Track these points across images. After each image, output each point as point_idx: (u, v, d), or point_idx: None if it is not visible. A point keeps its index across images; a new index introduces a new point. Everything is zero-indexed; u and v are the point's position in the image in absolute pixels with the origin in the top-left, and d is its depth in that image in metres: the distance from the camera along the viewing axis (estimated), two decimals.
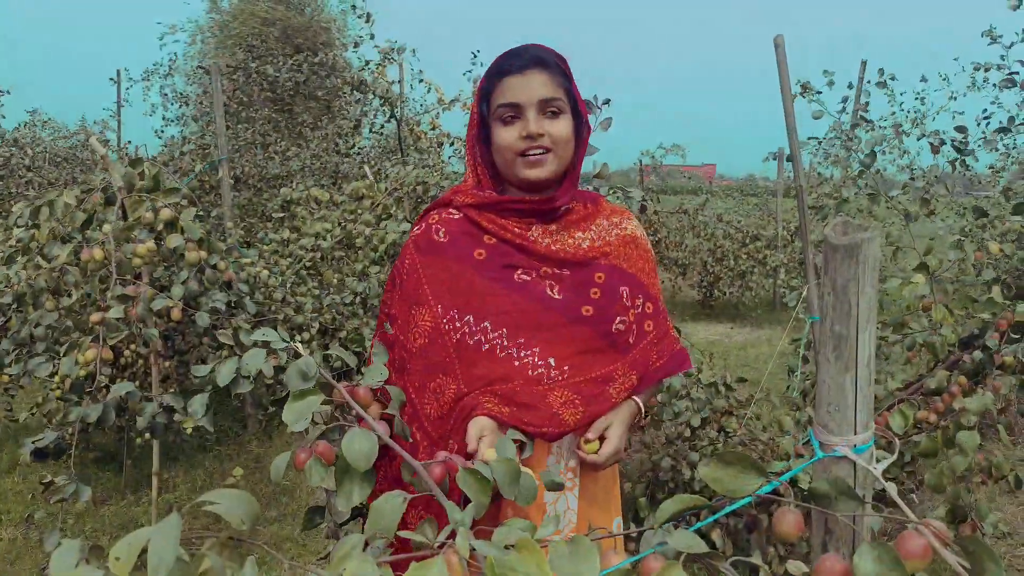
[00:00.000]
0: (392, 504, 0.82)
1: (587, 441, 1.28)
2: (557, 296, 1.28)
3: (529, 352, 1.25)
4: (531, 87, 1.25)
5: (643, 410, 1.34)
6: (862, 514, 0.75)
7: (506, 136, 1.27)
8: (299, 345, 0.98)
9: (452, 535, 0.72)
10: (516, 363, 1.24)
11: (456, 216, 1.35)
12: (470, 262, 1.29)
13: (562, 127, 1.27)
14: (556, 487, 0.92)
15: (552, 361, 1.25)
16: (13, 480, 3.44)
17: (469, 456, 1.13)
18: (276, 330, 3.12)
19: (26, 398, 4.11)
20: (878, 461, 0.79)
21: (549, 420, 1.23)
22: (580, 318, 1.28)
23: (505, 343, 1.25)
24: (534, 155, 1.26)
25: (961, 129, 2.43)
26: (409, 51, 5.32)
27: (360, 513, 1.33)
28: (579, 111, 1.31)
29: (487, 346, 1.25)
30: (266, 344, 0.97)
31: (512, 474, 0.77)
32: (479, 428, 1.18)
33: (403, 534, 0.75)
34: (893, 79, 3.32)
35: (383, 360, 1.03)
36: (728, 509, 0.73)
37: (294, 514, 3.15)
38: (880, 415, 2.04)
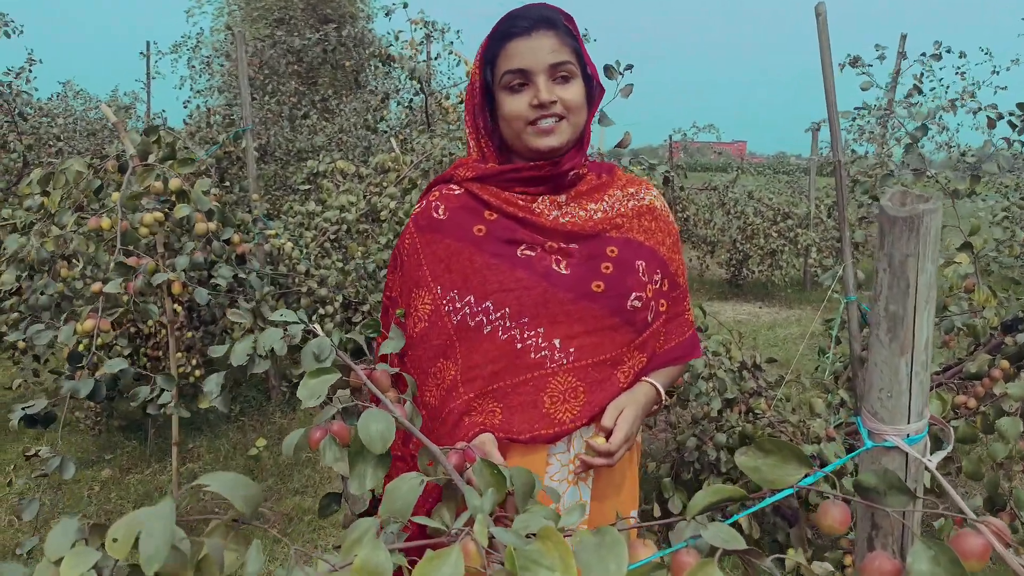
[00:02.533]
0: (408, 485, 0.78)
1: (597, 434, 1.17)
2: (564, 271, 1.19)
3: (533, 333, 1.16)
4: (539, 50, 1.15)
5: (663, 395, 1.24)
6: (913, 509, 0.69)
7: (515, 105, 1.17)
8: (316, 326, 0.94)
9: (470, 522, 0.68)
10: (518, 345, 1.16)
11: (457, 191, 1.27)
12: (470, 239, 1.21)
13: (575, 92, 1.18)
14: (555, 496, 0.87)
15: (557, 343, 1.16)
16: (41, 446, 3.48)
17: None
18: (299, 302, 3.09)
19: (55, 365, 4.16)
20: (931, 452, 0.73)
21: (541, 421, 1.15)
22: (589, 294, 1.18)
23: (508, 324, 1.16)
24: (546, 123, 1.16)
25: (1022, 106, 2.30)
26: (453, 32, 5.21)
27: (377, 506, 1.29)
28: (588, 73, 1.21)
29: (488, 328, 1.17)
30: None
31: (529, 486, 0.72)
32: (483, 449, 1.12)
33: (419, 520, 0.70)
34: (949, 52, 3.17)
35: (399, 343, 0.98)
36: (768, 501, 0.68)
37: (316, 486, 3.16)
38: None
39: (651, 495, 2.73)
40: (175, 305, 2.45)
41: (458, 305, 1.19)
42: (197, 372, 3.13)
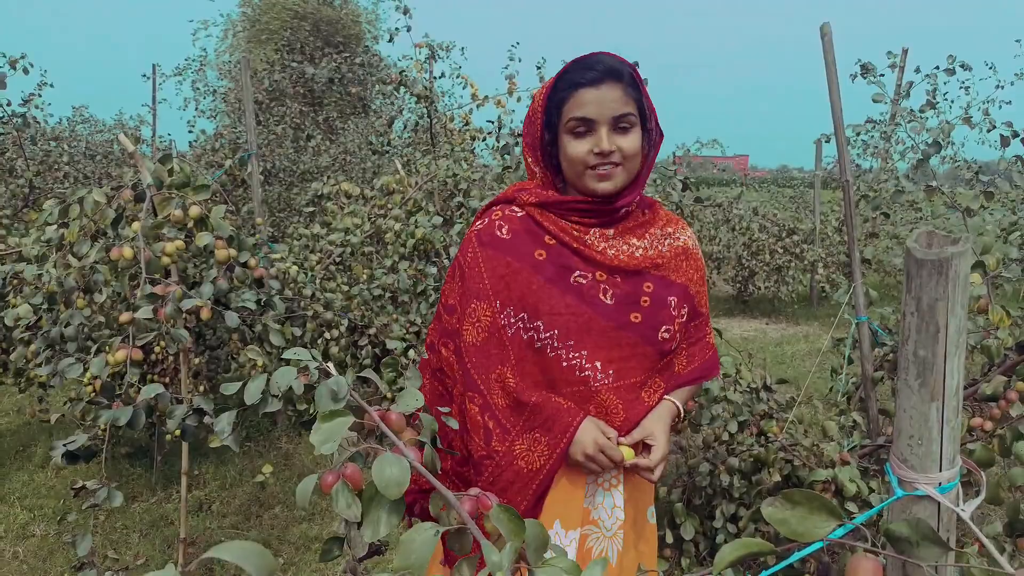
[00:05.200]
0: (424, 537, 0.76)
1: (624, 445, 1.31)
2: (609, 301, 1.31)
3: (577, 354, 1.29)
4: (605, 103, 1.25)
5: (681, 412, 1.38)
6: (946, 564, 0.67)
7: (578, 150, 1.28)
8: (330, 364, 0.92)
9: None
10: (564, 364, 1.29)
11: (519, 214, 1.38)
12: (529, 261, 1.33)
13: (632, 141, 1.28)
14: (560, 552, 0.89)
15: (598, 364, 1.29)
16: (46, 475, 3.46)
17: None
18: (305, 326, 3.04)
19: (60, 394, 4.15)
20: (965, 501, 0.70)
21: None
22: (628, 324, 1.31)
23: (556, 344, 1.29)
24: (604, 169, 1.28)
25: None
26: (458, 49, 5.21)
27: (378, 551, 1.28)
28: (647, 120, 1.32)
29: (539, 344, 1.30)
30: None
31: (542, 540, 0.71)
32: (599, 431, 1.27)
33: None
34: (963, 67, 3.15)
35: (416, 385, 0.97)
36: (797, 556, 0.66)
37: (323, 513, 3.13)
38: None
39: (663, 520, 2.69)
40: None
41: (513, 320, 1.32)
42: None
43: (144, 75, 8.30)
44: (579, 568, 0.69)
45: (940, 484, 0.69)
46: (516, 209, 1.39)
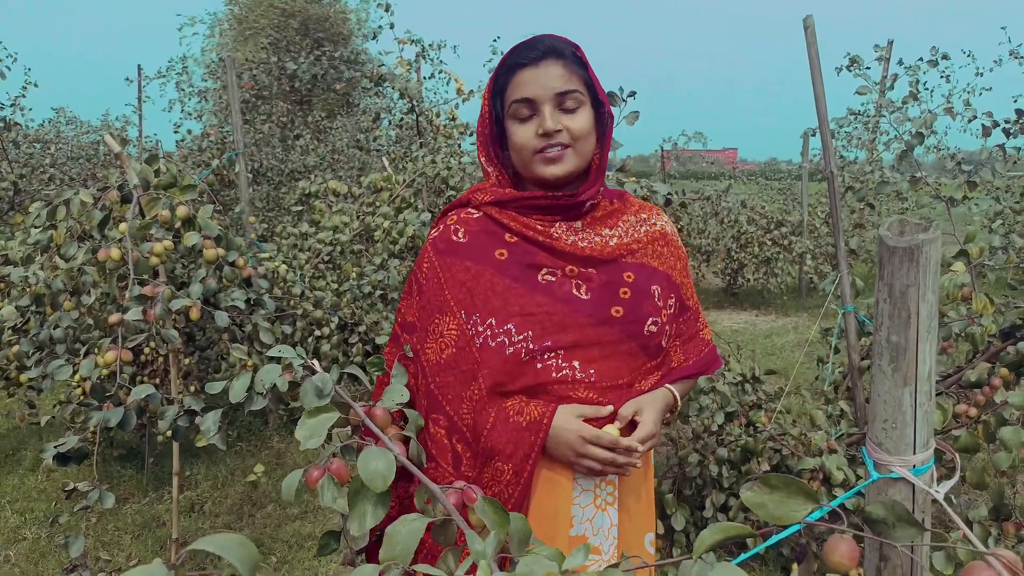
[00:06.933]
0: (409, 528, 0.76)
1: (615, 425, 1.20)
2: (584, 296, 1.21)
3: (552, 355, 1.19)
4: (546, 80, 1.17)
5: (678, 402, 1.28)
6: (921, 544, 0.68)
7: (522, 134, 1.20)
8: (315, 361, 0.93)
9: (473, 569, 0.67)
10: (539, 366, 1.19)
11: (476, 215, 1.29)
12: (491, 262, 1.23)
13: (581, 121, 1.19)
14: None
15: (577, 364, 1.19)
16: (37, 479, 3.45)
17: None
18: (295, 325, 3.04)
19: (50, 396, 4.13)
20: (939, 482, 0.72)
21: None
22: (609, 319, 1.21)
23: (530, 346, 1.18)
24: (552, 152, 1.19)
25: (1020, 113, 2.30)
26: (449, 48, 5.18)
27: (378, 543, 1.28)
28: (599, 101, 1.23)
29: (511, 349, 1.18)
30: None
31: (525, 533, 0.71)
32: (576, 417, 1.17)
33: (421, 568, 0.69)
34: (946, 59, 3.16)
35: (403, 381, 0.97)
36: (775, 539, 0.67)
37: (316, 511, 3.13)
38: None
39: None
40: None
41: (480, 328, 1.21)
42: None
43: (128, 78, 8.26)
44: (562, 555, 0.70)
45: (914, 467, 0.70)
46: (472, 211, 1.29)
